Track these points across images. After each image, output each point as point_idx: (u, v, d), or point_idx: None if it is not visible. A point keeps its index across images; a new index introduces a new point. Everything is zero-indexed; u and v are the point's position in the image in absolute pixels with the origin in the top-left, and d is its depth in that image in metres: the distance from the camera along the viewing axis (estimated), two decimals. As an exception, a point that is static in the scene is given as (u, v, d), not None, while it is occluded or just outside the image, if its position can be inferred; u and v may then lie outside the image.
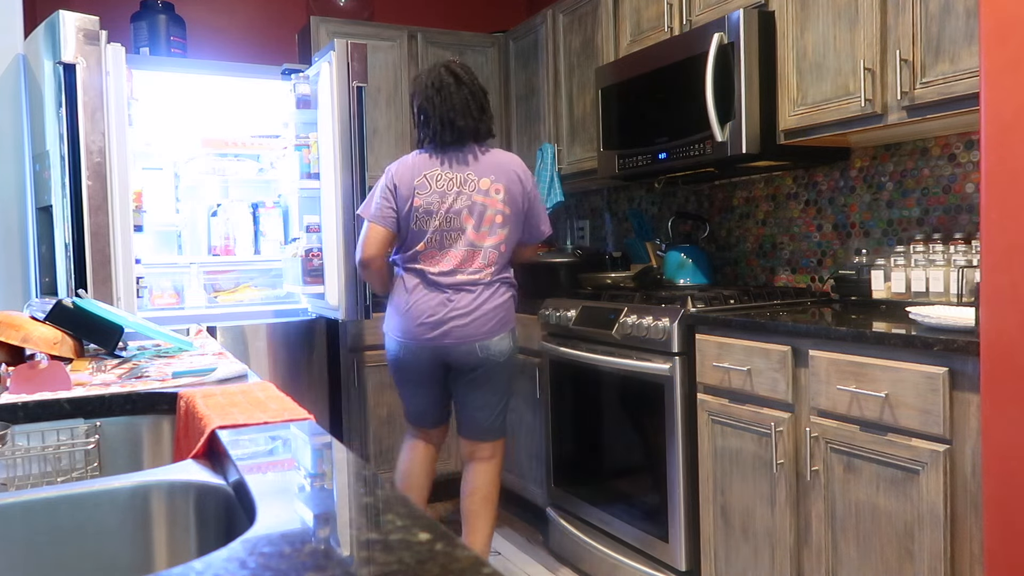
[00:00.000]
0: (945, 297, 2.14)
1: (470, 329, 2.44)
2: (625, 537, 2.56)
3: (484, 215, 2.47)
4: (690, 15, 2.72)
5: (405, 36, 3.78)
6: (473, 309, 2.44)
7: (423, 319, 2.45)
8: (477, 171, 2.48)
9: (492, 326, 2.47)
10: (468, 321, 2.44)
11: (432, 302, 2.45)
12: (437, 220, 2.45)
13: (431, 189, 2.46)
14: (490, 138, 2.59)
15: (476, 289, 2.46)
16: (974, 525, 1.62)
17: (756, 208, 2.99)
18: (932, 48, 1.96)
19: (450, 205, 2.45)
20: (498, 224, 2.49)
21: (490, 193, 2.48)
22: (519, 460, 3.33)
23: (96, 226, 2.70)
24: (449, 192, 2.45)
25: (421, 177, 2.48)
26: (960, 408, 1.63)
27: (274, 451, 0.89)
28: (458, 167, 2.49)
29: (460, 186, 2.46)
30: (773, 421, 2.04)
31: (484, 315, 2.46)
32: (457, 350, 2.46)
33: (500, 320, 2.49)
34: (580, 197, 4.05)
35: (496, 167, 2.51)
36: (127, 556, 0.90)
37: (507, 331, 2.52)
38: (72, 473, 1.17)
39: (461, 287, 2.45)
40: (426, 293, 2.46)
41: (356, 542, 0.60)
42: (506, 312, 2.52)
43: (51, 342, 1.55)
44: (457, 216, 2.46)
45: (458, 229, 2.46)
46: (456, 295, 2.45)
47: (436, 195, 2.45)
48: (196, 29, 3.77)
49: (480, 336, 2.46)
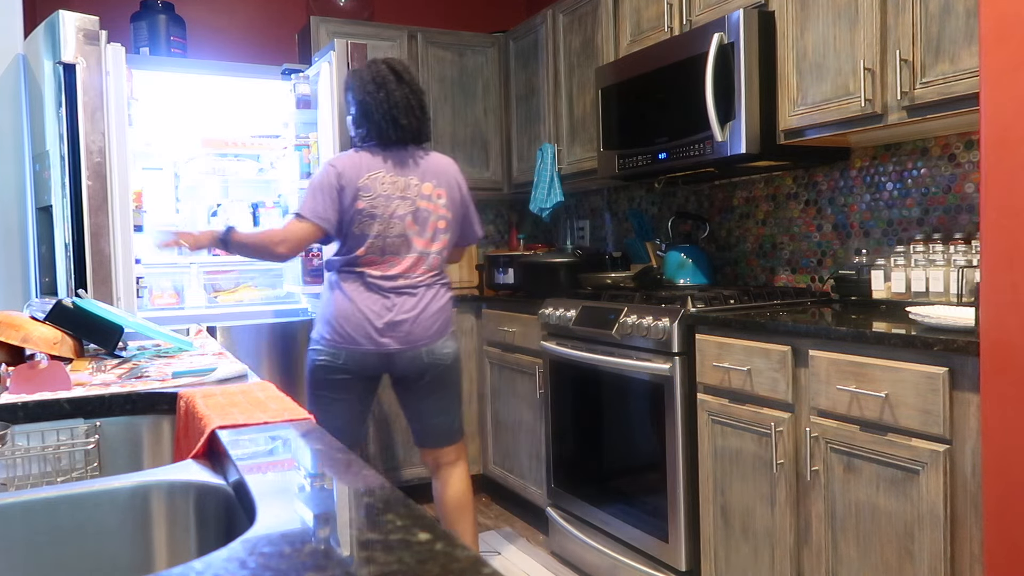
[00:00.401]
0: (945, 297, 2.14)
1: (415, 334, 2.37)
2: (625, 537, 2.56)
3: (428, 221, 2.41)
4: (690, 15, 2.72)
5: (405, 36, 3.78)
6: (417, 313, 2.38)
7: (366, 325, 2.34)
8: (419, 175, 2.42)
9: (437, 329, 2.41)
10: (412, 326, 2.37)
11: (375, 307, 2.35)
12: (380, 225, 2.36)
13: (375, 192, 2.36)
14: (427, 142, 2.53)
15: (418, 292, 2.39)
16: (974, 525, 1.62)
17: (756, 208, 2.99)
18: (932, 48, 1.96)
19: (394, 210, 2.37)
20: (441, 230, 2.44)
21: (433, 198, 2.43)
22: (519, 460, 3.33)
23: (96, 226, 2.70)
24: (393, 196, 2.37)
25: (366, 178, 2.37)
26: (960, 408, 1.63)
27: (274, 451, 0.89)
28: (401, 170, 2.40)
29: (404, 190, 2.39)
30: (773, 421, 2.04)
31: (427, 318, 2.39)
32: (402, 356, 2.38)
33: (444, 322, 2.44)
34: (580, 197, 4.05)
35: (437, 171, 2.46)
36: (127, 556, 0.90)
37: (449, 333, 2.48)
38: (72, 473, 1.17)
39: (403, 291, 2.38)
40: (368, 298, 2.36)
41: (356, 542, 0.60)
42: (448, 314, 2.47)
43: (51, 342, 1.55)
44: (401, 221, 2.37)
45: (401, 235, 2.38)
46: (399, 299, 2.37)
47: (381, 198, 2.36)
48: (196, 29, 3.77)
49: (425, 340, 2.39)
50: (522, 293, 3.41)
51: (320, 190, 2.37)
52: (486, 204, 4.38)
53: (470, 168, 3.96)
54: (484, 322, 3.56)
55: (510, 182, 4.03)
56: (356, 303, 2.35)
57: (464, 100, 3.94)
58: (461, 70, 3.93)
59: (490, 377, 3.54)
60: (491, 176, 4.03)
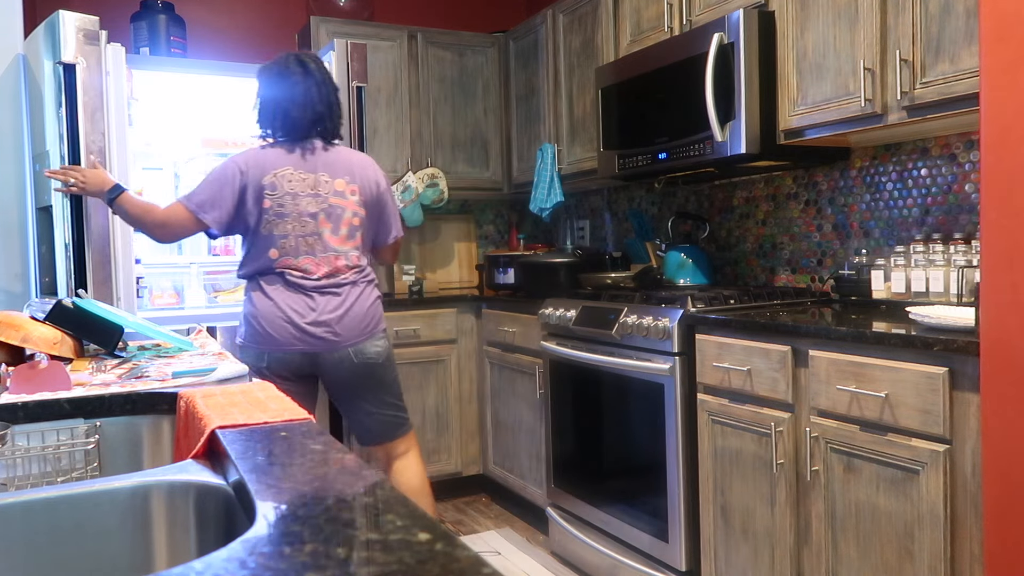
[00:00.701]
0: (945, 297, 2.14)
1: (341, 334, 2.29)
2: (625, 537, 2.56)
3: (341, 218, 2.32)
4: (690, 15, 2.72)
5: (405, 36, 3.78)
6: (342, 313, 2.29)
7: (288, 326, 2.26)
8: (331, 172, 2.32)
9: (364, 328, 2.33)
10: (337, 326, 2.29)
11: (297, 307, 2.27)
12: (290, 224, 2.27)
13: (282, 190, 2.26)
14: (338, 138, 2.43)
15: (342, 292, 2.31)
16: (974, 525, 1.62)
17: (756, 208, 2.99)
18: (932, 48, 1.96)
19: (304, 208, 2.27)
20: (356, 227, 2.35)
21: (346, 195, 2.33)
22: (519, 460, 3.33)
23: (96, 226, 2.70)
24: (301, 194, 2.28)
25: (271, 176, 2.26)
26: (960, 408, 1.63)
27: (274, 451, 0.89)
28: (310, 167, 2.31)
29: (314, 187, 2.29)
30: (773, 421, 2.04)
31: (353, 318, 2.31)
32: (329, 358, 2.29)
33: (371, 321, 2.36)
34: (580, 197, 4.05)
35: (350, 167, 2.36)
36: (127, 556, 0.90)
37: (379, 332, 2.39)
38: (72, 473, 1.17)
39: (325, 291, 2.29)
40: (289, 298, 2.27)
41: (356, 542, 0.60)
42: (376, 313, 2.39)
43: (51, 342, 1.55)
44: (312, 219, 2.28)
45: (314, 233, 2.28)
46: (322, 299, 2.28)
47: (288, 196, 2.26)
48: (196, 29, 3.77)
49: (352, 340, 2.31)
50: (522, 293, 3.41)
51: (215, 183, 2.28)
52: (486, 204, 4.38)
53: (470, 168, 3.97)
54: (484, 322, 3.56)
55: (510, 182, 4.03)
56: (277, 303, 2.26)
57: (464, 100, 3.94)
58: (461, 70, 3.93)
59: (490, 377, 3.54)
60: (491, 176, 4.03)
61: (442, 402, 3.58)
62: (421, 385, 3.55)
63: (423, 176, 3.76)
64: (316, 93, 2.31)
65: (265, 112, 2.34)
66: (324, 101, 2.32)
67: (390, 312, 3.47)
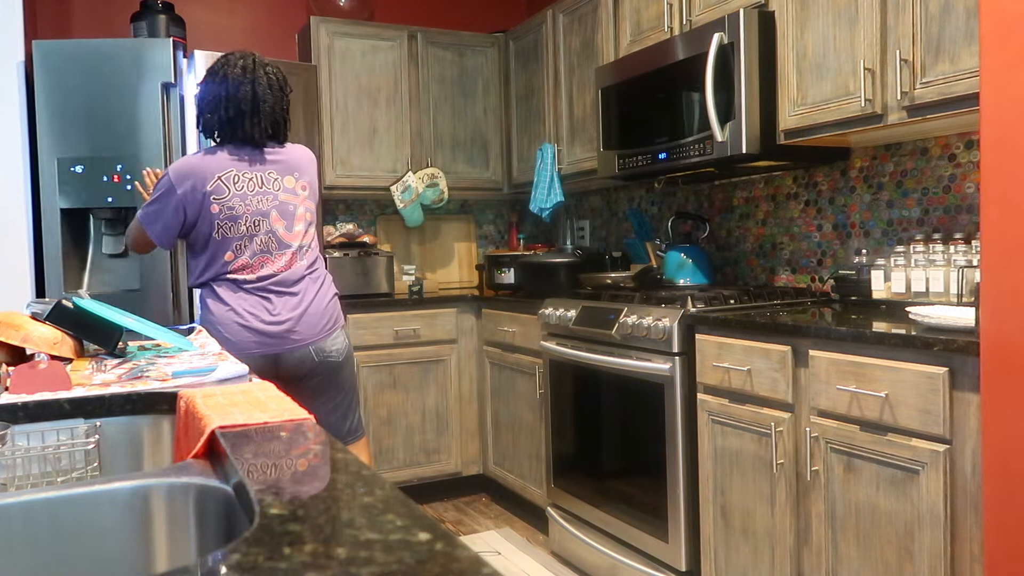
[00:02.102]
0: (945, 297, 2.14)
1: (300, 332, 2.25)
2: (625, 537, 2.56)
3: (294, 214, 2.29)
4: (690, 15, 2.72)
5: (405, 36, 3.78)
6: (301, 312, 2.26)
7: (245, 331, 2.21)
8: (279, 168, 2.28)
9: (324, 326, 2.30)
10: (296, 324, 2.25)
11: (254, 310, 2.22)
12: (243, 225, 2.22)
13: (230, 192, 2.21)
14: (285, 137, 2.36)
15: (299, 290, 2.27)
16: (974, 525, 1.62)
17: (756, 208, 2.99)
18: (932, 48, 1.96)
19: (255, 207, 2.23)
20: (308, 221, 2.33)
21: (296, 190, 2.30)
22: (519, 460, 3.33)
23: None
24: (250, 194, 2.23)
25: (215, 180, 2.21)
26: (960, 408, 1.63)
27: (274, 451, 0.89)
28: (258, 166, 2.25)
29: (263, 186, 2.24)
30: (773, 421, 2.04)
31: (312, 316, 2.27)
32: (289, 358, 2.25)
33: (331, 318, 2.33)
34: (580, 197, 4.05)
35: (298, 164, 2.32)
36: (127, 556, 0.90)
37: (339, 328, 2.36)
38: (72, 473, 1.17)
39: (283, 291, 2.25)
40: (245, 301, 2.22)
41: (356, 542, 0.60)
42: (333, 310, 2.35)
43: (51, 342, 1.55)
44: (265, 218, 2.24)
45: (268, 232, 2.24)
46: (279, 299, 2.24)
47: (237, 198, 2.21)
48: (196, 29, 3.77)
49: (312, 338, 2.27)
50: (522, 293, 3.41)
51: (155, 197, 2.25)
52: (486, 204, 4.38)
53: (470, 168, 3.97)
54: (484, 322, 3.56)
55: (510, 182, 4.03)
56: (233, 308, 2.22)
57: (464, 100, 3.94)
58: (461, 70, 3.93)
59: (490, 377, 3.54)
60: (491, 176, 4.03)
61: (442, 402, 3.58)
62: (421, 385, 3.55)
63: (423, 176, 3.76)
64: (252, 94, 2.23)
65: (211, 111, 2.26)
66: (268, 101, 2.25)
67: (391, 312, 3.47)
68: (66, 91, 2.90)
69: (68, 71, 2.91)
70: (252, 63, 2.25)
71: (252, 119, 2.23)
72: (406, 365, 3.52)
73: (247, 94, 2.22)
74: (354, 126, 3.69)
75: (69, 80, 2.91)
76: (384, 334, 3.47)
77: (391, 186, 3.73)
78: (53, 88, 2.89)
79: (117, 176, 2.95)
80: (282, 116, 2.30)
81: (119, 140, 2.97)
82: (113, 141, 2.97)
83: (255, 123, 2.23)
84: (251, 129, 2.23)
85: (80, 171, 2.92)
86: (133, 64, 2.98)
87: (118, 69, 2.97)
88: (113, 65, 2.96)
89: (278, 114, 2.28)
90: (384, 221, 4.11)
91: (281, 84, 2.30)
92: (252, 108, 2.23)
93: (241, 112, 2.22)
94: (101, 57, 2.94)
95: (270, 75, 2.27)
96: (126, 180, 2.94)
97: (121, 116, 2.97)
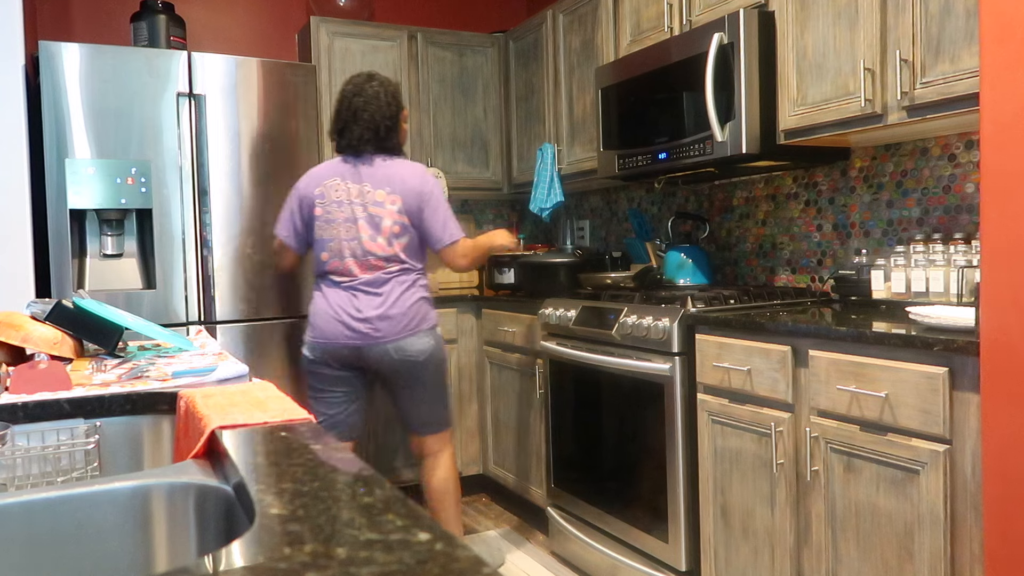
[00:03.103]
0: (945, 297, 2.14)
1: (384, 331, 2.50)
2: (625, 537, 2.56)
3: (381, 225, 2.52)
4: (690, 15, 2.72)
5: (405, 36, 3.78)
6: (382, 312, 2.50)
7: (334, 322, 2.52)
8: (374, 181, 2.54)
9: (403, 326, 2.52)
10: (377, 323, 2.50)
11: (344, 304, 2.52)
12: (336, 229, 2.54)
13: (330, 199, 2.55)
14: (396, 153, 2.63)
15: (382, 292, 2.52)
16: (974, 525, 1.62)
17: (756, 208, 2.99)
18: (932, 48, 1.96)
19: (348, 215, 2.53)
20: (396, 234, 2.54)
21: (385, 204, 2.53)
22: (519, 460, 3.33)
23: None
24: (345, 202, 2.53)
25: (322, 186, 2.57)
26: (960, 408, 1.63)
27: (274, 451, 0.89)
28: (357, 177, 2.55)
29: (357, 196, 2.53)
30: (773, 421, 2.04)
31: (393, 317, 2.51)
32: (371, 352, 2.51)
33: (412, 319, 2.53)
34: (580, 197, 4.05)
35: (393, 178, 2.54)
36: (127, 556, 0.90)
37: (423, 330, 2.56)
38: (72, 473, 1.17)
39: (369, 291, 2.52)
40: (337, 296, 2.53)
41: (356, 542, 0.60)
42: (418, 312, 2.55)
43: (51, 342, 1.55)
44: (354, 225, 2.53)
45: (355, 238, 2.52)
46: (365, 298, 2.51)
47: (334, 204, 2.54)
48: (196, 29, 3.77)
49: (392, 337, 2.51)
50: (522, 293, 3.41)
51: (286, 201, 2.66)
52: (486, 204, 4.38)
53: (470, 168, 3.97)
54: (484, 322, 3.56)
55: (510, 182, 4.03)
56: (328, 301, 2.54)
57: (464, 100, 3.94)
58: (461, 70, 3.93)
59: (490, 377, 3.54)
60: (491, 176, 4.03)
61: (442, 402, 3.57)
62: (421, 385, 3.54)
63: (423, 176, 3.76)
64: (363, 111, 2.52)
65: (329, 127, 2.64)
66: (369, 118, 2.53)
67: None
68: (74, 92, 2.91)
69: (73, 72, 2.91)
70: (363, 78, 2.57)
71: (353, 129, 2.54)
72: (406, 365, 3.51)
73: (350, 106, 2.54)
74: (354, 126, 3.68)
75: (77, 81, 2.91)
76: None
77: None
78: (59, 89, 2.89)
79: (132, 179, 2.98)
80: (384, 126, 2.55)
81: (131, 142, 2.98)
82: (125, 143, 2.98)
83: (355, 133, 2.54)
84: (352, 138, 2.55)
85: (92, 172, 2.93)
86: (145, 67, 2.99)
87: (130, 72, 2.97)
88: (125, 68, 2.97)
89: (379, 123, 2.54)
90: (384, 221, 4.10)
91: (388, 97, 2.56)
92: (352, 118, 2.54)
93: (345, 123, 2.56)
94: (111, 59, 2.95)
95: (375, 88, 2.55)
96: (140, 183, 2.97)
97: (132, 118, 2.99)
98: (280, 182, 3.27)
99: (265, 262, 3.24)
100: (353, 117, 2.53)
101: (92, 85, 2.94)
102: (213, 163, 3.14)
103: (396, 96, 2.59)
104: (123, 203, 2.97)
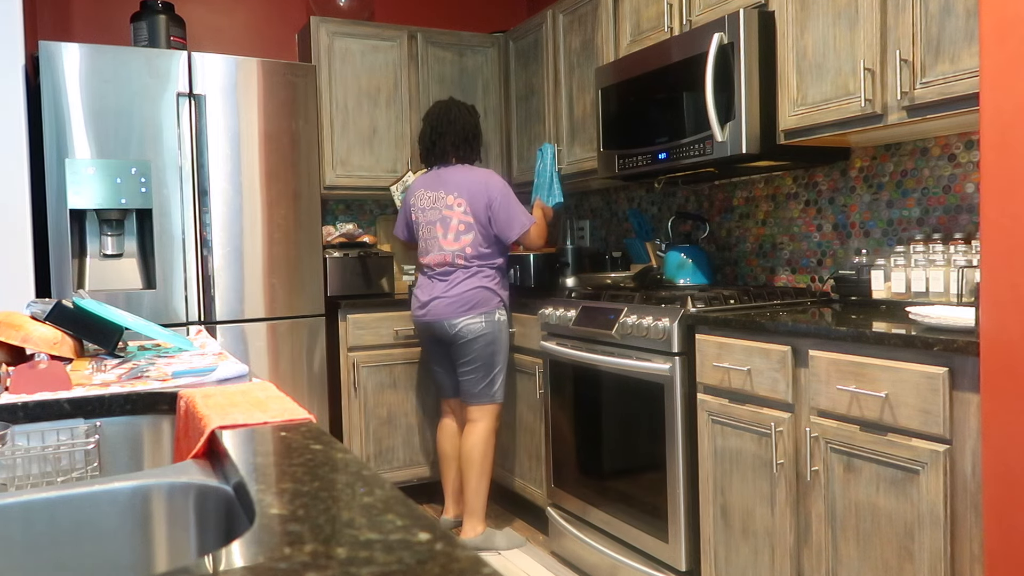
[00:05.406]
0: (945, 297, 2.14)
1: (442, 310, 2.98)
2: (625, 537, 2.56)
3: (450, 225, 3.01)
4: (690, 15, 2.72)
5: (405, 36, 3.78)
6: (445, 294, 2.98)
7: (420, 301, 3.06)
8: (446, 189, 3.03)
9: (458, 308, 2.96)
10: (441, 303, 2.99)
11: (425, 287, 3.07)
12: (423, 229, 3.09)
13: (419, 206, 3.11)
14: (470, 162, 3.11)
15: (448, 279, 3.00)
16: (974, 525, 1.62)
17: (756, 208, 2.99)
18: (932, 48, 1.96)
19: (429, 218, 3.07)
20: (462, 231, 3.00)
21: (454, 207, 3.01)
22: (519, 460, 3.33)
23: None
24: (427, 208, 3.08)
25: (414, 196, 3.14)
26: (960, 408, 1.63)
27: (274, 451, 0.89)
28: (435, 186, 3.07)
29: (434, 202, 3.06)
30: (773, 421, 2.04)
31: (452, 299, 2.97)
32: (435, 326, 3.01)
33: (466, 303, 2.96)
34: (580, 197, 4.05)
35: (461, 185, 3.01)
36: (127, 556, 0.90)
37: (476, 313, 2.97)
38: (72, 473, 1.17)
39: (439, 277, 3.03)
40: (423, 281, 3.10)
41: (356, 542, 0.60)
42: (473, 297, 2.97)
43: (51, 342, 1.55)
44: (432, 226, 3.05)
45: (433, 237, 3.04)
46: (438, 282, 3.03)
47: (420, 210, 3.10)
48: (196, 29, 3.77)
49: (448, 315, 2.97)
50: (522, 293, 3.40)
51: (400, 211, 3.30)
52: (486, 204, 4.37)
53: (470, 168, 3.96)
54: (484, 322, 3.55)
55: (510, 182, 4.03)
56: (420, 285, 3.10)
57: (464, 100, 3.94)
58: (461, 70, 3.93)
59: (490, 377, 3.53)
60: (491, 176, 4.02)
61: (442, 402, 3.58)
62: (421, 385, 3.55)
63: (423, 176, 3.76)
64: (437, 129, 3.06)
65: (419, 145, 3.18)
66: (444, 130, 3.06)
67: (391, 312, 3.48)
68: (74, 92, 2.91)
69: (73, 72, 2.91)
70: (445, 104, 3.11)
71: (434, 148, 3.09)
72: (406, 365, 3.52)
73: (430, 128, 3.09)
74: (354, 126, 3.69)
75: (77, 81, 2.91)
76: (384, 334, 3.47)
77: (391, 186, 3.73)
78: (59, 89, 2.89)
79: (132, 179, 2.98)
80: (462, 141, 3.07)
81: (131, 142, 2.98)
82: (125, 143, 2.98)
83: (434, 151, 3.09)
84: (432, 155, 3.11)
85: (92, 172, 2.93)
86: (145, 67, 2.99)
87: (130, 72, 2.98)
88: (125, 68, 2.97)
89: (457, 139, 3.06)
90: (384, 221, 4.11)
91: (464, 118, 3.08)
92: (432, 139, 3.08)
93: (429, 142, 3.10)
94: (111, 59, 2.95)
95: (451, 111, 3.08)
96: (140, 183, 2.97)
97: (132, 118, 2.99)
98: (280, 182, 3.27)
99: (265, 262, 3.24)
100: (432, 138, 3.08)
101: (92, 85, 2.95)
102: (213, 163, 3.15)
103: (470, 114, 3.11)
104: (123, 203, 2.98)
